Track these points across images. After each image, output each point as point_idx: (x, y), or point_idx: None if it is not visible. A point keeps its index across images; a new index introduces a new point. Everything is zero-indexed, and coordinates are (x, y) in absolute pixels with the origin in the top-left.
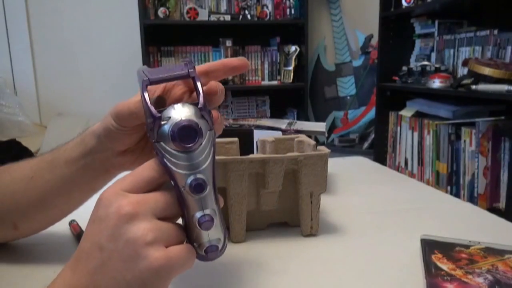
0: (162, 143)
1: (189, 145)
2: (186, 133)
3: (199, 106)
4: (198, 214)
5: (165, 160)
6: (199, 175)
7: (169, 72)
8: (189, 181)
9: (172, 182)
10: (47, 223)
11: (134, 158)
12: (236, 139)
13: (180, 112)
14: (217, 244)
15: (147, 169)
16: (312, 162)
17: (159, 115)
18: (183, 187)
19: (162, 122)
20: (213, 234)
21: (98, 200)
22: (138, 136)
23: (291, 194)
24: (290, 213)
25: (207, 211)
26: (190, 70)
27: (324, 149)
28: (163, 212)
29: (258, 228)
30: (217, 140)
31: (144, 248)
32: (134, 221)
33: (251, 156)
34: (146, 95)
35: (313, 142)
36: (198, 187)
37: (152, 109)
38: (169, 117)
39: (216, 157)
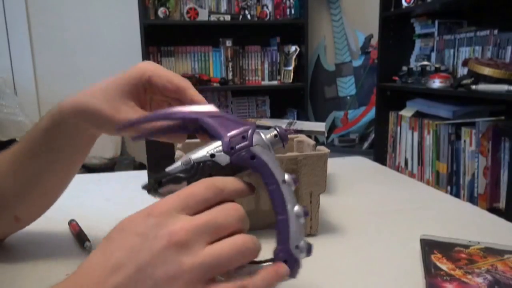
0: (258, 155)
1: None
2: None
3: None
4: (299, 205)
5: (266, 167)
6: None
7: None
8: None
9: (268, 185)
10: (48, 203)
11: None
12: None
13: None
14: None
15: (202, 189)
16: (312, 162)
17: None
18: (283, 181)
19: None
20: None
21: (146, 215)
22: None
23: None
24: None
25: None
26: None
27: (323, 149)
28: (218, 234)
29: (258, 228)
30: None
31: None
32: (183, 253)
33: None
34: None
35: (312, 142)
36: None
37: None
38: (252, 141)
39: None
